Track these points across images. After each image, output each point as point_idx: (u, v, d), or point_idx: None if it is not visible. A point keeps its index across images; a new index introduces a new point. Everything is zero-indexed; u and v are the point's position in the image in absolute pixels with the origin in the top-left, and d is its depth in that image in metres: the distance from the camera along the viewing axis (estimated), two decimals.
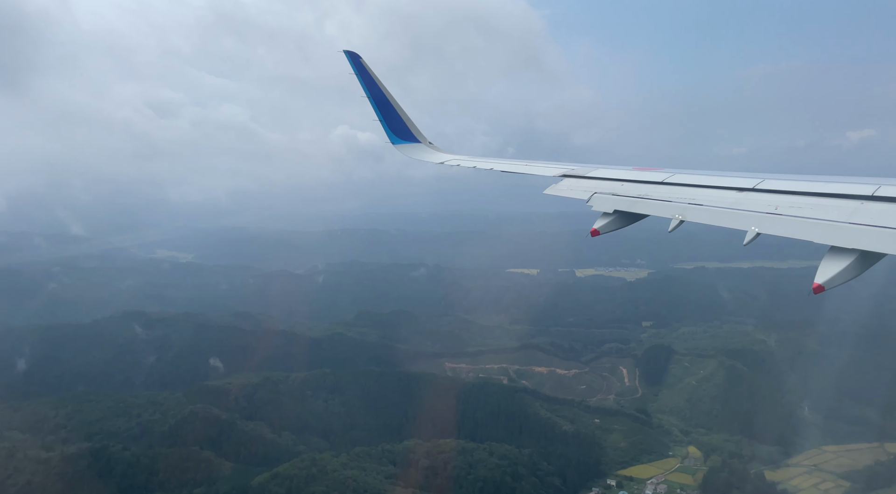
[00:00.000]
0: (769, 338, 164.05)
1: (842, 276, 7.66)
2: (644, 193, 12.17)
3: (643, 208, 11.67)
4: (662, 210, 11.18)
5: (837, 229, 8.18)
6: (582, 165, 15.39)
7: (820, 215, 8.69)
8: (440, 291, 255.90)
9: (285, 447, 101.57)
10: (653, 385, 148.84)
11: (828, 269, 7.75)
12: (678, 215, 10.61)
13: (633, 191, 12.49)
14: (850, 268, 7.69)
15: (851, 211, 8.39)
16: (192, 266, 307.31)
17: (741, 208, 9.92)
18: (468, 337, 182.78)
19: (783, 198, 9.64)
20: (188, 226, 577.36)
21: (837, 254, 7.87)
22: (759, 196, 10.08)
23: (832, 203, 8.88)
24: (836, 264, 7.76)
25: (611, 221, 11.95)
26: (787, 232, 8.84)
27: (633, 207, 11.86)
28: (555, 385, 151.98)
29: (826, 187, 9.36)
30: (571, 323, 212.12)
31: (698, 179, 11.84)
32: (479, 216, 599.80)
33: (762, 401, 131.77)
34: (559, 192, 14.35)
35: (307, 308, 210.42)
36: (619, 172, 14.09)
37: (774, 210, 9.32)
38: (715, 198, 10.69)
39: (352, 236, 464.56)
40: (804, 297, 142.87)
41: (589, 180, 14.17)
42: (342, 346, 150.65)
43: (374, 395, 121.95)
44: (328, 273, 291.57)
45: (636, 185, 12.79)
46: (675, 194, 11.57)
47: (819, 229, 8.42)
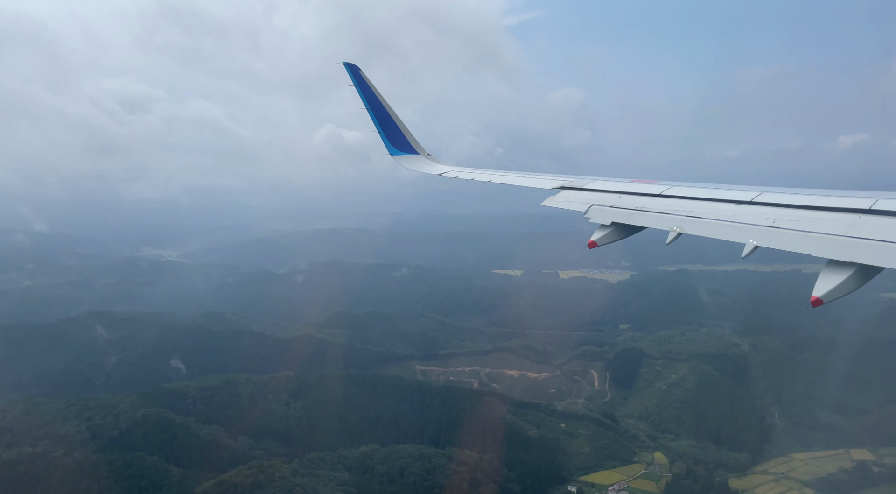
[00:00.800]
0: (744, 343, 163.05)
1: (840, 289, 7.71)
2: (641, 205, 12.20)
3: (641, 221, 11.71)
4: (660, 222, 11.25)
5: (835, 243, 8.22)
6: (579, 177, 15.50)
7: (818, 228, 8.75)
8: (420, 291, 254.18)
9: (241, 452, 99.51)
10: (623, 389, 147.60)
11: (826, 282, 7.79)
12: (676, 227, 10.67)
13: (631, 203, 12.53)
14: (848, 282, 7.73)
15: (849, 225, 8.42)
16: (172, 265, 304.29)
17: (739, 221, 9.98)
18: (443, 339, 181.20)
19: (781, 211, 9.68)
20: (173, 223, 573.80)
21: (836, 267, 7.90)
22: (756, 209, 10.14)
23: (830, 217, 8.90)
24: (834, 277, 7.80)
25: (608, 233, 11.96)
26: (785, 245, 8.93)
27: (630, 219, 11.88)
28: (525, 389, 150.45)
29: (824, 201, 9.38)
30: (548, 326, 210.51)
31: (696, 192, 11.91)
32: (468, 217, 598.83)
33: (732, 407, 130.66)
34: (556, 204, 14.43)
35: (282, 309, 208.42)
36: (616, 184, 14.14)
37: (772, 223, 9.39)
38: (713, 210, 10.76)
39: (338, 236, 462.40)
40: (784, 301, 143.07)
41: (586, 192, 14.21)
42: (310, 348, 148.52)
43: (337, 398, 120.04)
44: (309, 273, 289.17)
45: (634, 197, 12.84)
46: (673, 206, 11.62)
47: (817, 242, 8.47)
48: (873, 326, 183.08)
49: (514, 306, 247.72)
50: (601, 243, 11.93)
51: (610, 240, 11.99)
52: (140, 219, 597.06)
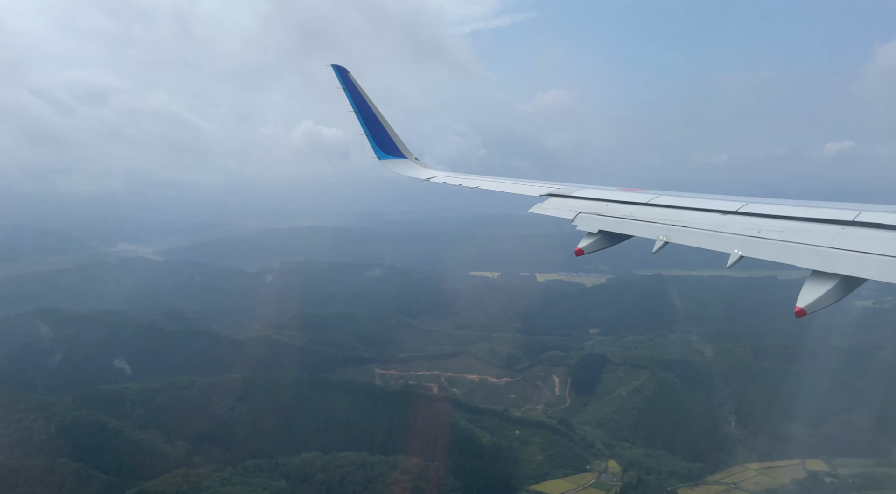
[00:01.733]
0: (708, 349, 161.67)
1: (824, 300, 7.82)
2: (629, 213, 12.29)
3: (628, 229, 11.79)
4: (647, 231, 11.36)
5: (819, 254, 8.33)
6: (567, 185, 15.53)
7: (802, 239, 8.86)
8: (391, 293, 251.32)
9: (177, 458, 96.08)
10: (583, 395, 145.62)
11: (810, 293, 7.90)
12: (662, 236, 10.80)
13: (618, 211, 12.59)
14: (831, 292, 7.86)
15: (833, 236, 8.59)
16: (140, 261, 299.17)
17: (725, 231, 10.11)
18: (407, 342, 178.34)
19: (766, 221, 9.79)
20: (153, 219, 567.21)
21: (819, 278, 8.04)
22: (742, 219, 10.27)
23: (814, 228, 9.01)
24: (818, 288, 7.92)
25: (595, 241, 11.98)
26: (770, 256, 9.02)
27: (617, 227, 11.95)
28: (485, 394, 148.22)
29: (808, 212, 9.49)
30: (517, 329, 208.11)
31: (683, 201, 11.98)
32: (451, 217, 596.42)
33: (690, 415, 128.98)
34: (544, 211, 14.51)
35: (246, 308, 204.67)
36: (604, 192, 14.17)
37: (757, 234, 9.54)
38: (699, 220, 10.86)
39: (316, 235, 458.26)
40: (757, 308, 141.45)
41: (574, 200, 14.27)
42: (265, 350, 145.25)
43: (284, 403, 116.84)
44: (280, 272, 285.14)
45: (621, 205, 12.91)
46: (660, 215, 11.71)
47: (801, 253, 8.60)
48: (839, 334, 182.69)
49: (486, 308, 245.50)
50: (588, 250, 12.07)
51: (597, 248, 12.08)
52: (117, 214, 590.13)
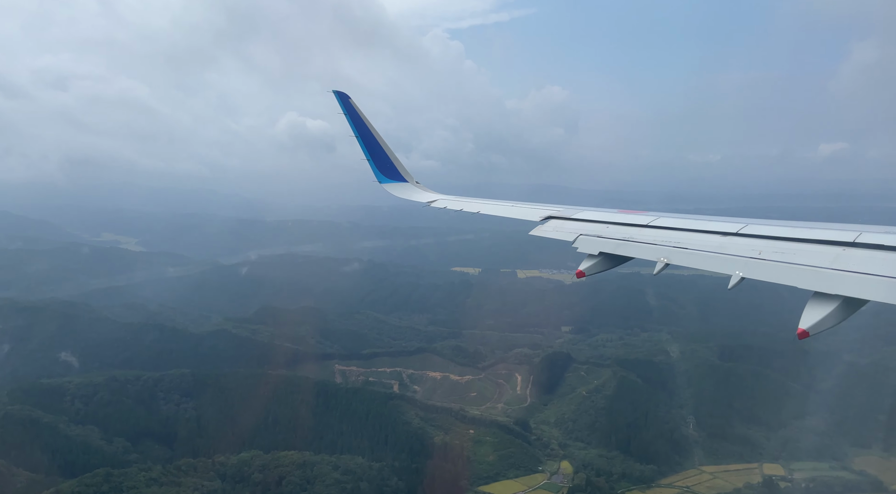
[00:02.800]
0: (674, 349, 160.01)
1: (826, 322, 7.76)
2: (629, 235, 12.32)
3: (628, 251, 11.81)
4: (647, 253, 11.36)
5: (820, 275, 8.34)
6: (567, 207, 15.56)
7: (803, 260, 8.87)
8: (366, 287, 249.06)
9: (112, 455, 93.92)
10: (545, 394, 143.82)
11: (812, 315, 7.86)
12: (663, 257, 10.85)
13: (618, 233, 12.60)
14: (833, 314, 7.79)
15: (834, 257, 8.60)
16: (116, 252, 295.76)
17: (725, 253, 10.14)
18: (373, 338, 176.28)
19: (766, 243, 9.83)
20: (139, 210, 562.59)
21: (821, 300, 8.00)
22: (742, 241, 10.31)
23: (814, 249, 9.04)
24: (819, 309, 7.88)
25: (596, 263, 12.00)
26: (771, 277, 8.99)
27: (618, 249, 12.02)
28: (446, 392, 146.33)
29: (808, 233, 9.50)
30: (489, 326, 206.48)
31: (683, 223, 11.97)
32: (442, 213, 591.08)
33: (647, 416, 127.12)
34: (544, 233, 14.46)
35: (213, 301, 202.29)
36: (604, 214, 14.17)
37: (758, 255, 9.55)
38: (699, 242, 10.87)
39: (301, 227, 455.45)
40: (731, 307, 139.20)
41: (574, 222, 14.25)
42: (223, 344, 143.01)
43: (234, 399, 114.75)
44: (256, 265, 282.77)
45: (621, 227, 12.92)
46: (660, 237, 11.72)
47: (802, 274, 8.59)
48: (810, 336, 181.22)
49: (461, 305, 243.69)
50: (589, 273, 11.96)
51: (598, 270, 12.02)
52: (104, 204, 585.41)
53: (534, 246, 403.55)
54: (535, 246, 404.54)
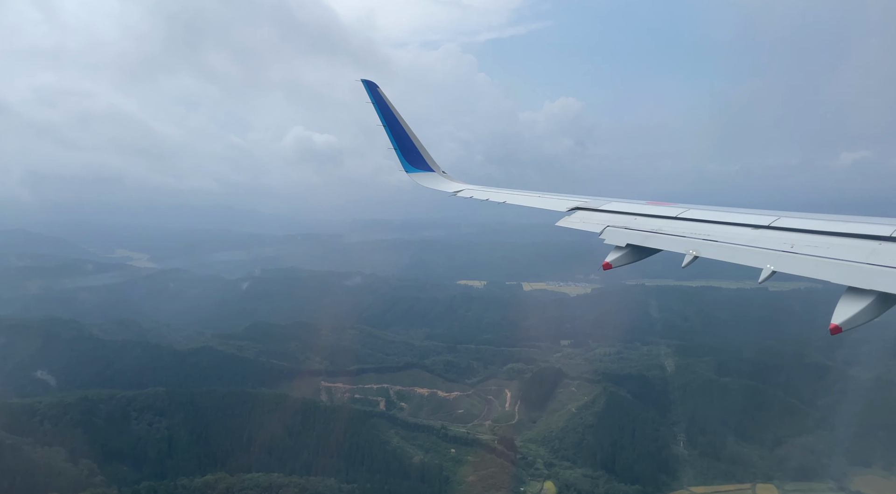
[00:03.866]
0: (669, 363, 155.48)
1: (859, 317, 7.68)
2: (657, 227, 12.18)
3: (656, 243, 11.68)
4: (676, 245, 11.20)
5: (854, 270, 8.18)
6: (594, 198, 15.47)
7: (837, 254, 8.73)
8: (365, 301, 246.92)
9: (77, 478, 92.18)
10: (534, 411, 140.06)
11: (845, 310, 7.75)
12: (692, 250, 10.68)
13: (647, 225, 12.50)
14: (867, 310, 7.69)
15: (870, 252, 8.41)
16: (121, 268, 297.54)
17: (756, 246, 9.99)
18: (365, 354, 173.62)
19: (799, 236, 9.73)
20: (155, 226, 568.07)
21: (855, 295, 7.88)
22: (774, 234, 10.17)
23: (849, 243, 8.89)
24: (853, 305, 7.79)
25: (623, 255, 11.93)
26: (803, 271, 8.89)
27: (646, 241, 11.89)
28: (432, 409, 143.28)
29: (843, 227, 9.38)
30: (486, 340, 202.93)
31: (713, 215, 11.84)
32: (453, 224, 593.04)
33: (636, 433, 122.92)
34: (571, 224, 14.40)
35: (209, 317, 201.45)
36: (631, 205, 14.09)
37: (790, 249, 9.41)
38: (730, 234, 10.75)
39: (310, 242, 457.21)
40: (738, 320, 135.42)
41: (601, 213, 14.22)
42: (207, 361, 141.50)
43: (208, 419, 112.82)
44: (258, 280, 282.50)
45: (649, 219, 12.81)
46: (690, 229, 11.61)
47: (836, 268, 8.47)
48: (813, 349, 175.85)
49: (460, 319, 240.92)
50: (616, 264, 11.87)
51: (625, 262, 11.96)
52: (119, 220, 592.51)
53: (543, 258, 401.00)
54: (544, 258, 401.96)
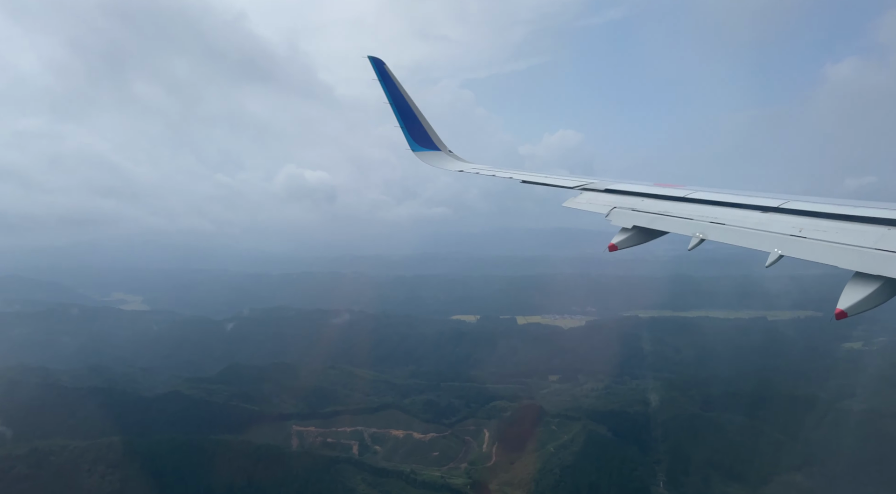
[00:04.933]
0: (655, 398, 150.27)
1: (865, 303, 7.65)
2: (664, 209, 12.15)
3: (663, 225, 11.60)
4: (683, 228, 11.14)
5: (863, 255, 8.13)
6: (601, 179, 15.35)
7: (845, 239, 8.64)
8: (350, 340, 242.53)
9: None
10: (512, 451, 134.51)
11: (851, 295, 7.71)
12: (699, 233, 10.61)
13: (654, 207, 12.42)
14: (874, 295, 7.64)
15: (879, 237, 8.33)
16: (108, 312, 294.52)
17: (764, 229, 9.90)
18: (343, 395, 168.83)
19: (808, 220, 9.55)
20: (149, 268, 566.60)
21: (862, 280, 7.84)
22: (783, 217, 10.02)
23: (858, 228, 8.82)
24: (860, 290, 7.72)
25: (629, 236, 11.89)
26: (811, 255, 8.79)
27: (652, 223, 11.80)
28: (407, 451, 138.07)
29: (853, 211, 9.25)
30: (471, 377, 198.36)
31: (721, 197, 11.72)
32: (454, 259, 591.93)
33: (614, 474, 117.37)
34: (578, 205, 14.26)
35: (187, 361, 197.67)
36: (639, 186, 13.94)
37: (798, 233, 9.30)
38: (737, 217, 10.64)
39: (307, 280, 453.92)
40: (732, 351, 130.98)
41: (608, 194, 14.13)
42: (173, 407, 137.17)
43: (165, 469, 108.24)
44: (245, 320, 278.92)
45: (656, 201, 12.73)
46: (697, 211, 11.52)
47: (844, 253, 8.37)
48: (807, 380, 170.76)
49: (447, 355, 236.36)
50: (622, 246, 11.85)
51: (630, 244, 11.90)
52: (113, 263, 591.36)
53: (538, 290, 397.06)
54: (539, 290, 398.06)
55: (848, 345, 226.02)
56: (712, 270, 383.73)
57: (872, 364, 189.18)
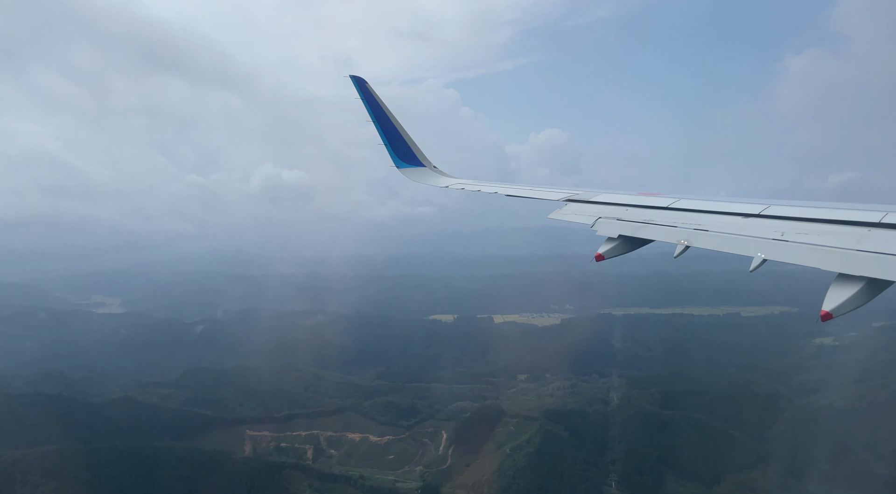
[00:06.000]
0: (614, 397, 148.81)
1: (849, 303, 7.77)
2: (649, 218, 12.27)
3: (648, 233, 11.74)
4: (668, 235, 11.24)
5: (845, 256, 8.25)
6: (586, 190, 15.60)
7: (827, 241, 8.77)
8: (320, 341, 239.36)
9: None
10: (469, 453, 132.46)
11: (835, 296, 7.81)
12: (684, 240, 10.69)
13: (638, 216, 12.55)
14: (857, 296, 7.77)
15: (859, 238, 8.50)
16: (77, 315, 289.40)
17: (747, 234, 10.01)
18: (305, 397, 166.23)
19: (789, 224, 9.72)
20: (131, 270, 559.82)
21: (845, 281, 7.95)
22: (765, 222, 10.21)
23: (839, 230, 8.95)
24: (843, 291, 7.83)
25: (615, 246, 11.99)
26: (794, 259, 8.88)
27: (637, 232, 11.89)
28: (363, 455, 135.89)
29: (833, 214, 9.41)
30: (438, 377, 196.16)
31: (704, 205, 11.90)
32: (437, 258, 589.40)
33: (566, 475, 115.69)
34: (563, 216, 14.39)
35: (149, 365, 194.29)
36: (623, 196, 14.20)
37: (781, 237, 9.45)
38: (721, 223, 10.80)
39: (286, 281, 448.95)
40: (704, 348, 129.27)
41: (593, 205, 14.30)
42: (122, 414, 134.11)
43: (103, 479, 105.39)
44: (216, 322, 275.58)
45: (641, 210, 12.90)
46: (681, 219, 11.65)
47: (826, 255, 8.50)
48: (771, 377, 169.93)
49: (418, 356, 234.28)
50: (608, 255, 11.95)
51: (617, 253, 11.98)
52: (93, 267, 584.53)
53: (518, 289, 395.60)
54: (520, 289, 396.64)
55: (819, 340, 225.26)
56: (694, 267, 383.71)
57: (840, 360, 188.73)
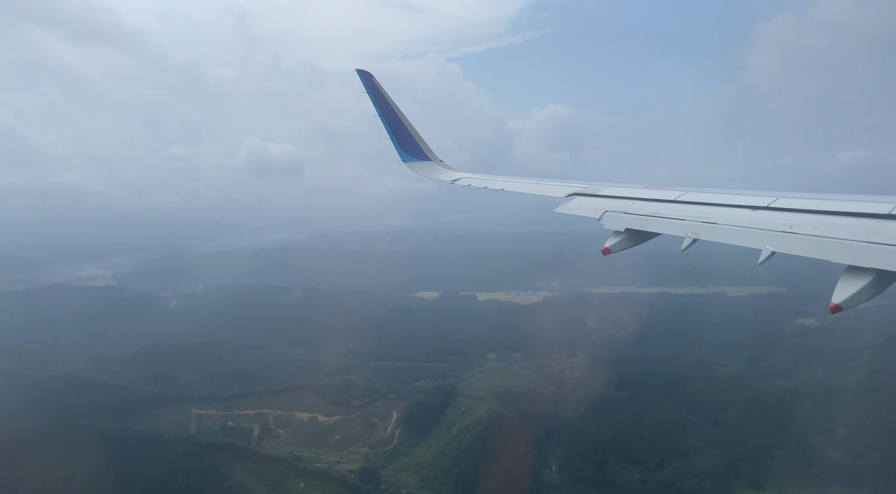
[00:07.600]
0: (571, 377, 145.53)
1: (859, 296, 7.63)
2: (656, 211, 12.08)
3: (655, 227, 11.56)
4: (675, 229, 11.08)
5: (854, 249, 8.10)
6: (592, 184, 15.45)
7: (836, 233, 8.62)
8: (293, 318, 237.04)
9: None
10: (417, 434, 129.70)
11: (845, 289, 7.69)
12: (691, 233, 10.58)
13: (645, 209, 12.35)
14: (867, 288, 7.64)
15: (868, 230, 8.33)
16: (55, 289, 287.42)
17: (755, 227, 9.88)
18: (262, 376, 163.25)
19: (798, 216, 9.55)
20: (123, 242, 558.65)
21: (854, 274, 7.82)
22: (773, 215, 10.06)
23: (848, 222, 8.80)
24: (853, 283, 7.71)
25: (622, 239, 11.81)
26: (803, 251, 8.71)
27: (644, 225, 11.74)
28: (309, 435, 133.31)
29: (841, 206, 9.28)
30: (405, 356, 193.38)
31: (711, 198, 11.72)
32: (432, 234, 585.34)
33: (507, 457, 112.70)
34: (569, 210, 14.28)
35: (110, 339, 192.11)
36: (629, 190, 13.99)
37: (789, 229, 9.32)
38: (729, 216, 10.63)
39: (277, 255, 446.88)
40: (679, 328, 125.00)
41: (599, 199, 14.15)
42: (64, 390, 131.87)
43: (28, 457, 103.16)
44: (192, 297, 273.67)
45: (647, 203, 12.68)
46: (688, 212, 11.48)
47: (835, 247, 8.35)
48: (736, 359, 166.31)
49: (391, 333, 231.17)
50: (615, 249, 11.84)
51: (624, 247, 11.86)
52: (86, 237, 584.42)
53: (508, 266, 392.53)
54: (509, 266, 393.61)
55: (801, 321, 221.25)
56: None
57: (813, 342, 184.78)
